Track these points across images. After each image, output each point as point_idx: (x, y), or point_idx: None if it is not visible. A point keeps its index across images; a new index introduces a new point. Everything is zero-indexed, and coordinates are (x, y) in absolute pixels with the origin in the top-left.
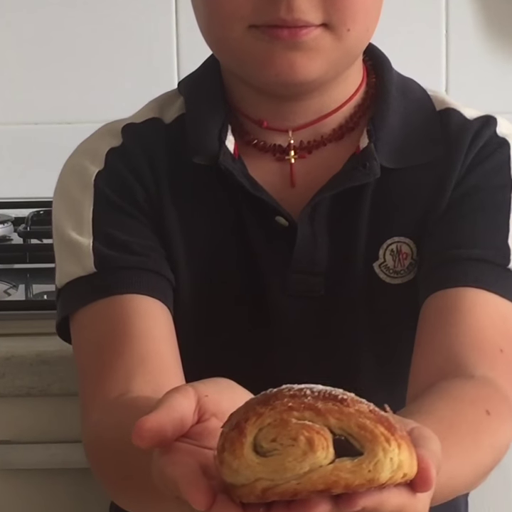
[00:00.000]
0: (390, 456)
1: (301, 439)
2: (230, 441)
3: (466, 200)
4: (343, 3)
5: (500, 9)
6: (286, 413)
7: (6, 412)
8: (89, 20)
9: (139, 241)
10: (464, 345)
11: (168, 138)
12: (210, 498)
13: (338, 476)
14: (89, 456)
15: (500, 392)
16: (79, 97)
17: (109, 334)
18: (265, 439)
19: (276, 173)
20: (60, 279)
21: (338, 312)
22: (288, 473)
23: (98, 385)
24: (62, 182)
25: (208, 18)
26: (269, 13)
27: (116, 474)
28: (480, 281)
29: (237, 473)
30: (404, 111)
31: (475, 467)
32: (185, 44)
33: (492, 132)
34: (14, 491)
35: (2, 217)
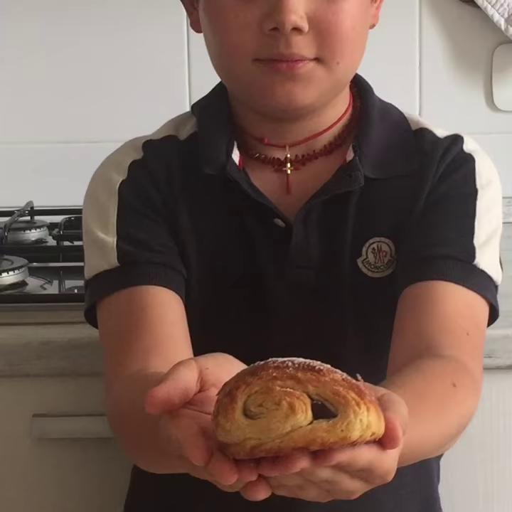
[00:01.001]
0: (360, 417)
1: (284, 403)
2: (223, 406)
3: (437, 207)
4: (333, 40)
5: (465, 46)
6: (271, 382)
7: (43, 389)
8: (114, 53)
9: (156, 240)
10: (434, 330)
11: (182, 152)
12: (207, 456)
13: (316, 435)
14: (111, 424)
15: (465, 369)
16: (104, 119)
17: (129, 320)
18: (253, 404)
19: (275, 182)
20: (88, 272)
21: (327, 300)
22: (273, 433)
23: (120, 363)
24: (91, 189)
25: (218, 52)
26: (271, 49)
27: (133, 439)
28: (449, 276)
29: (229, 433)
30: (384, 130)
31: (442, 431)
32: (196, 72)
33: (459, 149)
34: (49, 458)
35: (39, 223)
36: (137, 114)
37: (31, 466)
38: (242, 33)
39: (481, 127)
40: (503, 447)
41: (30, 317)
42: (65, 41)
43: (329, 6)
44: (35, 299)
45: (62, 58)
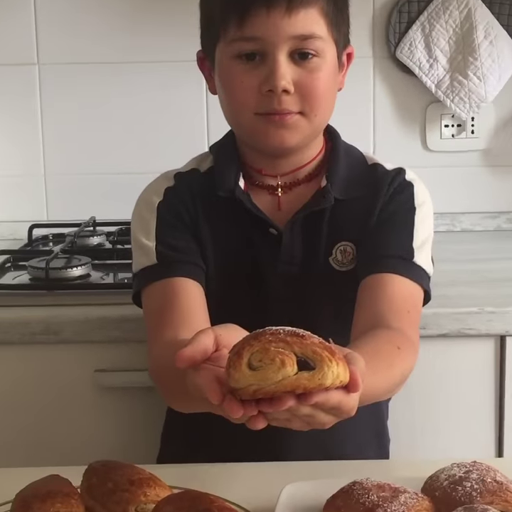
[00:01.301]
0: (332, 370)
1: (277, 360)
2: (233, 361)
3: (386, 220)
4: (312, 99)
5: (406, 104)
6: (267, 344)
7: (102, 352)
8: (155, 108)
9: (184, 244)
10: (384, 309)
11: (203, 181)
12: (221, 397)
13: (300, 382)
14: (152, 377)
15: (406, 337)
16: (145, 157)
17: (164, 302)
18: (255, 360)
19: (270, 202)
20: (135, 267)
21: (307, 287)
22: (269, 380)
23: (157, 333)
24: (138, 207)
25: (229, 107)
26: (267, 105)
27: (168, 387)
28: (394, 270)
29: (237, 381)
30: (348, 164)
31: (390, 380)
32: (212, 122)
33: (402, 178)
34: (106, 403)
35: (99, 232)
36: (168, 153)
37: (93, 409)
38: (246, 94)
39: (418, 162)
40: (433, 393)
41: (93, 299)
42: (118, 97)
43: (308, 74)
44: (97, 286)
45: (116, 111)
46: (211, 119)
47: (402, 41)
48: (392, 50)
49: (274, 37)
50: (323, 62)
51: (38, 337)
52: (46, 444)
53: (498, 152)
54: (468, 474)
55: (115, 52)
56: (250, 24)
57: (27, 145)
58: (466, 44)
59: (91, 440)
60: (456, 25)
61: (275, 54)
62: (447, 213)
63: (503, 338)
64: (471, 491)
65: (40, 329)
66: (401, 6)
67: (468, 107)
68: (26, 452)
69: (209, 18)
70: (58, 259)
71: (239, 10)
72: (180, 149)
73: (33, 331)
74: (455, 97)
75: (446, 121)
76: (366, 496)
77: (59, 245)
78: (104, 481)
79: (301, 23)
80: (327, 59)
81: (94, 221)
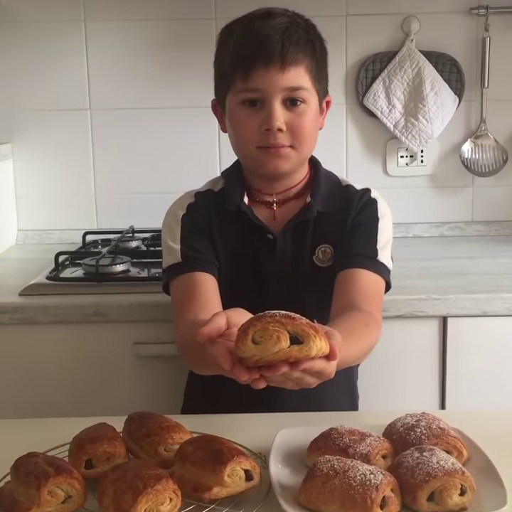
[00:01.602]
0: (316, 343)
1: (274, 336)
2: (240, 337)
3: (356, 229)
4: (299, 136)
5: (371, 140)
6: (267, 324)
7: (140, 329)
8: (174, 139)
9: (202, 247)
10: (355, 295)
11: (216, 198)
12: (232, 364)
13: (291, 353)
14: (178, 349)
15: (372, 316)
16: (171, 180)
17: (186, 291)
18: (257, 336)
19: (267, 214)
20: (164, 264)
21: (297, 280)
22: (268, 352)
23: (182, 315)
24: (166, 218)
25: (236, 143)
26: (266, 141)
27: (191, 356)
28: (363, 265)
29: (244, 352)
30: (327, 185)
31: (359, 351)
32: (223, 154)
33: (368, 196)
34: (143, 370)
35: (137, 237)
36: (189, 177)
37: (132, 373)
38: (249, 132)
39: (380, 184)
40: (392, 361)
41: (132, 289)
42: (151, 135)
43: (297, 117)
44: (135, 279)
45: (149, 146)
46: (222, 152)
47: (368, 92)
48: (360, 99)
49: (271, 88)
50: (308, 107)
51: (91, 318)
52: (96, 400)
53: (441, 177)
54: (419, 422)
55: (149, 99)
56: (252, 78)
57: (82, 172)
58: (417, 94)
59: (130, 396)
60: (409, 79)
61: (271, 101)
62: (402, 223)
63: (445, 318)
64: (420, 435)
65: (92, 312)
66: (367, 65)
67: (419, 142)
68: (80, 406)
69: (221, 74)
70: (105, 258)
71: (244, 67)
72: (198, 175)
73: (86, 313)
74: (408, 135)
75: (402, 153)
76: (340, 439)
77: (106, 248)
78: (140, 427)
79: (292, 77)
80: (311, 105)
81: (133, 229)
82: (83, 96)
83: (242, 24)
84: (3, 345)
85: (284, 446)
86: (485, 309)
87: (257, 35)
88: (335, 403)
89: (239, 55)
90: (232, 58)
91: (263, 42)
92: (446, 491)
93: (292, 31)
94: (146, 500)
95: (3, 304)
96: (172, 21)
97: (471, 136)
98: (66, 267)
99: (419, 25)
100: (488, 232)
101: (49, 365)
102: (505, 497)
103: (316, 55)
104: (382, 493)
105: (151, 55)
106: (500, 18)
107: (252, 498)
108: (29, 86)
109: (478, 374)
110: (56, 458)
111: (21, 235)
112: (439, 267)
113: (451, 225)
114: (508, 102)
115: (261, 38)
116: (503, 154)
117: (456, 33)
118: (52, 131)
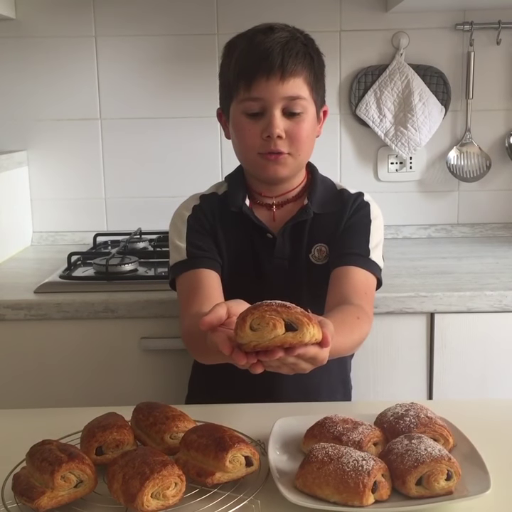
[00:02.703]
0: (309, 331)
1: (270, 323)
2: (239, 325)
3: (350, 229)
4: (297, 143)
5: (363, 147)
6: (263, 312)
7: (147, 324)
8: (179, 147)
9: (206, 245)
10: (348, 291)
11: (220, 201)
12: (231, 349)
13: (286, 339)
14: (184, 340)
15: (364, 311)
16: (176, 184)
17: (192, 287)
18: (255, 324)
19: (267, 215)
20: (171, 261)
21: (295, 277)
22: (265, 338)
23: (187, 309)
24: (173, 219)
25: (239, 149)
26: (267, 147)
27: (194, 346)
28: (355, 263)
29: (242, 338)
30: (323, 189)
31: (351, 341)
32: (225, 160)
33: (361, 199)
34: (149, 362)
35: (144, 239)
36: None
37: (139, 365)
38: (251, 139)
39: (372, 189)
40: (383, 354)
41: (139, 287)
42: (158, 143)
43: (296, 125)
44: (142, 278)
45: (155, 154)
46: (223, 158)
47: (360, 102)
48: (353, 109)
49: (272, 97)
50: (306, 116)
51: (100, 314)
52: (105, 391)
53: (429, 182)
54: (408, 412)
55: (155, 110)
56: (254, 88)
57: (93, 177)
58: (406, 104)
59: (137, 387)
60: (399, 91)
61: (272, 110)
62: (392, 225)
63: (432, 314)
64: (409, 424)
65: (101, 308)
66: (359, 77)
67: (408, 150)
68: (91, 396)
69: (225, 84)
70: (115, 258)
71: (247, 78)
72: (201, 180)
73: (96, 309)
74: (398, 143)
75: (392, 160)
76: (335, 427)
77: (115, 248)
78: (147, 416)
79: (291, 88)
80: (309, 114)
81: (140, 231)
82: (94, 107)
83: (246, 38)
84: (19, 339)
85: (281, 434)
86: (470, 306)
87: (259, 48)
88: (329, 393)
89: (242, 67)
90: (235, 69)
91: (265, 54)
92: (433, 476)
93: (292, 45)
94: (153, 484)
95: (19, 301)
96: (177, 36)
97: (457, 144)
98: (78, 267)
99: (408, 40)
100: (473, 234)
101: (61, 358)
102: (489, 481)
103: (313, 67)
104: (373, 478)
105: (157, 67)
106: (484, 33)
107: (252, 483)
108: (43, 98)
109: (463, 366)
110: (69, 445)
111: (36, 237)
112: (426, 267)
113: (438, 227)
114: (491, 112)
115: (263, 51)
116: (486, 161)
117: (443, 48)
118: (65, 140)
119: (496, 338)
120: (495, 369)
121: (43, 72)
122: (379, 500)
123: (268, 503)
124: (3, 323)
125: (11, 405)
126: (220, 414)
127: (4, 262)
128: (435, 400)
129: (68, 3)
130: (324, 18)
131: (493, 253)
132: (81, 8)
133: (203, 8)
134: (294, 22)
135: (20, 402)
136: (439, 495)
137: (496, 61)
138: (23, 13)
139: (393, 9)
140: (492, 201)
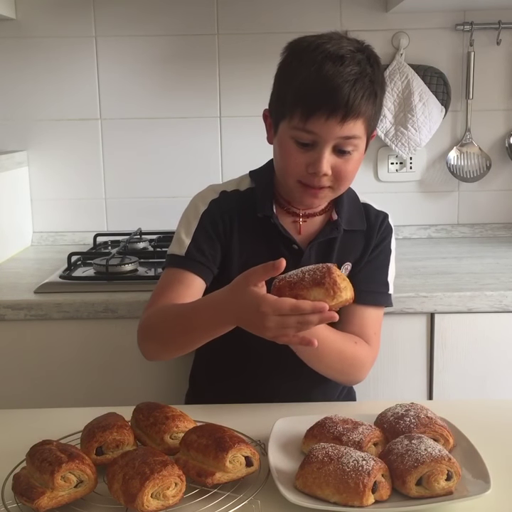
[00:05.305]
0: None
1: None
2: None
3: (373, 261)
4: (342, 180)
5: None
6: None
7: None
8: (179, 147)
9: (209, 251)
10: (357, 331)
11: (241, 200)
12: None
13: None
14: (142, 333)
15: (367, 344)
16: (177, 184)
17: (172, 283)
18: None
19: (293, 227)
20: (169, 250)
21: None
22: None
23: (156, 301)
24: (187, 210)
25: (280, 165)
26: (309, 181)
27: (160, 337)
28: (372, 303)
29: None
30: (348, 202)
31: (340, 354)
32: (225, 160)
33: (387, 223)
34: (150, 362)
35: (144, 239)
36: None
37: (139, 365)
38: (295, 168)
39: (372, 189)
40: (384, 354)
41: (139, 287)
42: (158, 143)
43: (342, 162)
44: (142, 278)
45: (156, 154)
46: (224, 159)
47: None
48: None
49: (327, 136)
50: (356, 154)
51: (100, 314)
52: (105, 391)
53: (429, 182)
54: (408, 412)
55: (155, 110)
56: (311, 123)
57: (93, 177)
58: (406, 105)
59: (138, 387)
60: (399, 91)
61: (323, 147)
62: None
63: (432, 314)
64: (409, 424)
65: (102, 308)
66: None
67: (408, 150)
68: (91, 396)
69: (280, 99)
70: (115, 258)
71: (305, 110)
72: (201, 180)
73: (96, 309)
74: (398, 143)
75: (392, 160)
76: (335, 428)
77: (115, 248)
78: (147, 416)
79: (349, 129)
80: (359, 150)
81: (140, 231)
82: (94, 107)
83: (314, 61)
84: (20, 339)
85: (281, 435)
86: (469, 306)
87: (327, 82)
88: (330, 394)
89: (304, 95)
90: (296, 94)
91: (330, 92)
92: (433, 476)
93: (360, 85)
94: (153, 484)
95: (19, 301)
96: (177, 37)
97: (457, 144)
98: (78, 267)
99: (408, 40)
100: (473, 234)
101: (62, 359)
102: (489, 482)
103: (376, 105)
104: (373, 478)
105: (157, 68)
106: (484, 33)
107: (252, 483)
108: (43, 98)
109: (463, 366)
110: (69, 445)
111: (36, 237)
112: (426, 267)
113: (438, 228)
114: (491, 112)
115: (329, 88)
116: (486, 161)
117: (443, 48)
118: (65, 140)
119: (496, 338)
120: (495, 369)
121: (43, 72)
122: (379, 500)
123: (268, 503)
124: (3, 323)
125: (11, 405)
126: (220, 414)
127: (4, 262)
128: (435, 400)
129: (68, 3)
130: (324, 18)
131: (493, 253)
132: (81, 9)
133: (203, 8)
134: (294, 22)
135: (20, 402)
136: (439, 495)
137: (496, 61)
138: (24, 13)
139: (393, 9)
140: (492, 201)
